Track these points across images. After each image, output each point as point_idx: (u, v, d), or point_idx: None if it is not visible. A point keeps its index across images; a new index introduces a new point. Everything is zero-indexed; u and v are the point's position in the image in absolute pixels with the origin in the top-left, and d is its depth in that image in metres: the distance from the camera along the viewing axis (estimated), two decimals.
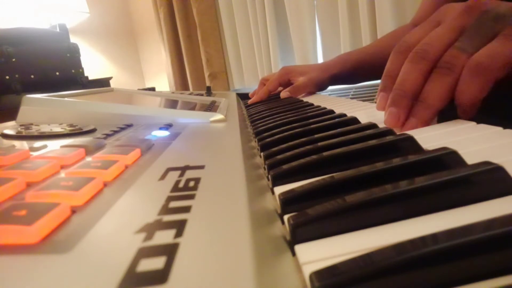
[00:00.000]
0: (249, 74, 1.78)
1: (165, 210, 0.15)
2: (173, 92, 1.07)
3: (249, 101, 0.81)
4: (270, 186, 0.23)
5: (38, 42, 1.58)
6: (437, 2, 0.65)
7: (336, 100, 0.63)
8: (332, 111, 0.43)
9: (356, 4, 1.24)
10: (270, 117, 0.48)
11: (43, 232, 0.13)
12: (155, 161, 0.24)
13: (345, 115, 0.39)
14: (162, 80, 2.34)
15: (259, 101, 0.81)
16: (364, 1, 1.19)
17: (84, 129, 0.38)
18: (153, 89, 1.02)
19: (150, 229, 0.14)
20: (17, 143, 0.32)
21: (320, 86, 0.80)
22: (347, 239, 0.15)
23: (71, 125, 0.40)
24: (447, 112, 0.29)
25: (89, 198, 0.17)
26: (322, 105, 0.50)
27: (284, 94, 0.76)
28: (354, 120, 0.35)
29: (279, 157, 0.27)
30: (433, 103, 0.28)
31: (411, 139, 0.24)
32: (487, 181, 0.16)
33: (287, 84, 0.82)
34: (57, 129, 0.38)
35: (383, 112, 0.33)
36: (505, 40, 0.27)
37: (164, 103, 0.69)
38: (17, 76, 1.49)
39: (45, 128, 0.38)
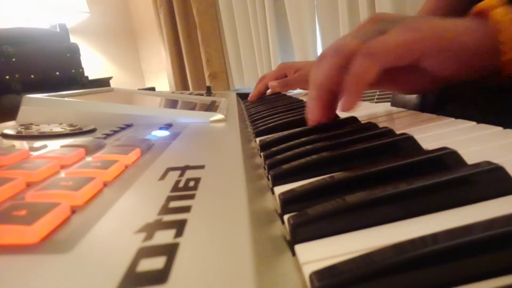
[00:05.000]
0: (249, 74, 1.78)
1: (165, 210, 0.15)
2: (173, 92, 1.07)
3: (249, 98, 0.82)
4: (270, 186, 0.23)
5: (38, 42, 1.58)
6: (439, 1, 0.65)
7: None
8: None
9: (356, 4, 1.24)
10: (270, 117, 0.48)
11: (43, 232, 0.13)
12: (155, 161, 0.24)
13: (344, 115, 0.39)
14: (162, 80, 2.34)
15: (257, 95, 0.81)
16: (364, 1, 1.19)
17: (84, 129, 0.38)
18: (153, 89, 1.02)
19: (150, 229, 0.14)
20: (17, 143, 0.32)
21: None
22: (347, 239, 0.15)
23: (71, 125, 0.40)
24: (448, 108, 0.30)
25: (89, 198, 0.17)
26: None
27: (273, 83, 0.75)
28: (354, 120, 0.35)
29: (279, 157, 0.27)
30: (319, 82, 0.32)
31: (411, 139, 0.24)
32: (487, 181, 0.16)
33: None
34: (57, 129, 0.38)
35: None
36: (394, 32, 0.30)
37: (164, 103, 0.69)
38: (17, 76, 1.49)
39: (45, 128, 0.38)
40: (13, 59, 1.47)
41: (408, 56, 0.30)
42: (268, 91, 0.83)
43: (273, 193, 0.22)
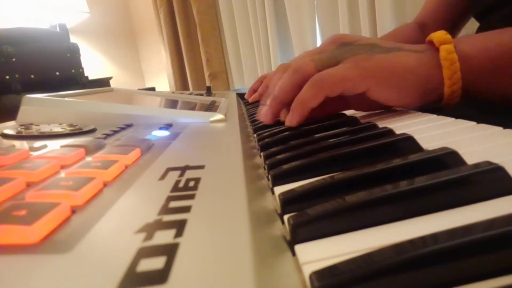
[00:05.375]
0: (249, 74, 1.78)
1: (165, 210, 0.15)
2: (173, 92, 1.07)
3: (250, 99, 0.82)
4: (270, 186, 0.23)
5: (38, 42, 1.58)
6: (440, 1, 0.65)
7: None
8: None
9: (356, 4, 1.24)
10: None
11: (43, 232, 0.13)
12: (155, 161, 0.24)
13: (344, 115, 0.39)
14: (162, 80, 2.34)
15: (258, 97, 0.81)
16: (364, 1, 1.19)
17: (84, 129, 0.38)
18: (153, 89, 1.02)
19: (150, 229, 0.14)
20: (17, 143, 0.32)
21: None
22: (347, 239, 0.15)
23: (71, 125, 0.40)
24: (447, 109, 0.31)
25: (89, 198, 0.17)
26: None
27: None
28: (354, 120, 0.35)
29: (279, 157, 0.27)
30: (278, 94, 0.37)
31: (411, 139, 0.24)
32: (487, 181, 0.16)
33: None
34: (57, 129, 0.38)
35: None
36: (344, 66, 0.34)
37: (164, 103, 0.69)
38: (17, 76, 1.49)
39: (45, 128, 0.38)
40: (13, 59, 1.47)
41: (353, 89, 0.33)
42: None
43: (273, 193, 0.22)
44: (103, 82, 1.83)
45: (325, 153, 0.25)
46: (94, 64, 2.27)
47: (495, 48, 0.33)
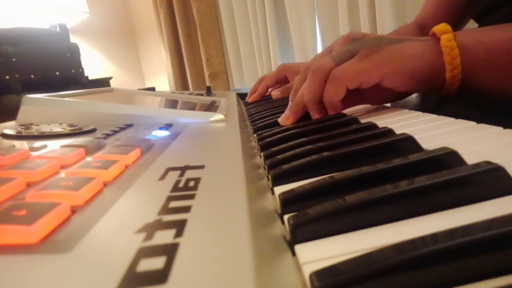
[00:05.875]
0: (249, 74, 1.78)
1: (165, 210, 0.15)
2: (173, 92, 1.07)
3: (250, 99, 0.82)
4: (270, 186, 0.23)
5: (38, 42, 1.58)
6: (440, 1, 0.65)
7: None
8: None
9: (356, 4, 1.24)
10: (270, 117, 0.48)
11: (43, 232, 0.13)
12: (155, 161, 0.24)
13: (345, 115, 0.39)
14: (162, 80, 2.34)
15: (258, 97, 0.81)
16: (364, 1, 1.19)
17: (84, 129, 0.38)
18: (153, 89, 1.02)
19: (150, 229, 0.14)
20: (17, 143, 0.32)
21: None
22: (347, 239, 0.15)
23: (71, 125, 0.40)
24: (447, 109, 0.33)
25: (89, 198, 0.17)
26: None
27: (275, 93, 0.76)
28: (354, 120, 0.35)
29: (279, 157, 0.27)
30: (309, 98, 0.40)
31: (411, 139, 0.24)
32: (487, 181, 0.16)
33: (284, 80, 0.82)
34: (57, 129, 0.38)
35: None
36: (357, 59, 0.37)
37: (164, 103, 0.69)
38: (17, 76, 1.49)
39: (45, 128, 0.38)
40: (13, 59, 1.47)
41: (369, 80, 0.36)
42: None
43: (273, 193, 0.22)
44: (103, 82, 1.83)
45: (325, 153, 0.25)
46: (94, 64, 2.27)
47: (490, 40, 0.36)
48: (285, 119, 0.42)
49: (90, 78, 1.78)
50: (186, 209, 0.15)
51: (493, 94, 0.38)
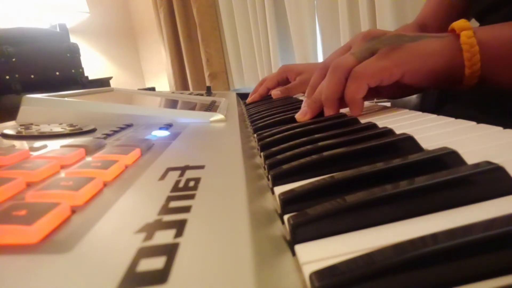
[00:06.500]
0: (249, 74, 1.78)
1: (165, 210, 0.15)
2: (173, 92, 1.07)
3: (249, 100, 0.82)
4: (270, 186, 0.23)
5: (38, 42, 1.58)
6: (441, 1, 0.65)
7: None
8: None
9: (356, 4, 1.24)
10: (270, 117, 0.48)
11: (43, 232, 0.13)
12: (155, 161, 0.24)
13: (345, 115, 0.39)
14: (162, 80, 2.34)
15: (258, 98, 0.81)
16: (364, 1, 1.19)
17: (84, 129, 0.38)
18: (153, 89, 1.02)
19: (150, 229, 0.14)
20: (17, 143, 0.32)
21: None
22: (347, 239, 0.15)
23: (71, 125, 0.40)
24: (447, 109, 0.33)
25: (89, 198, 0.17)
26: None
27: (275, 93, 0.77)
28: (354, 120, 0.35)
29: (279, 157, 0.27)
30: (328, 95, 0.40)
31: (411, 139, 0.24)
32: (487, 181, 0.16)
33: (285, 82, 0.82)
34: (57, 129, 0.38)
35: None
36: (378, 57, 0.37)
37: (164, 103, 0.69)
38: (17, 76, 1.49)
39: (45, 128, 0.38)
40: (13, 59, 1.47)
41: (390, 78, 0.37)
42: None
43: (273, 193, 0.22)
44: (103, 82, 1.83)
45: (325, 153, 0.25)
46: (94, 64, 2.27)
47: (509, 36, 0.36)
48: (303, 115, 0.42)
49: (90, 78, 1.78)
50: (186, 209, 0.15)
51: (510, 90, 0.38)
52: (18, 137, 0.36)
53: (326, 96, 0.40)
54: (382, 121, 0.34)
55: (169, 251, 0.12)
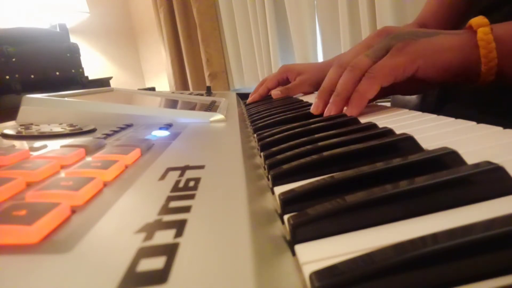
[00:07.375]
0: (249, 74, 1.78)
1: (165, 210, 0.15)
2: (173, 92, 1.07)
3: (249, 100, 0.82)
4: (270, 186, 0.23)
5: (38, 42, 1.58)
6: (441, 1, 0.65)
7: None
8: None
9: (356, 4, 1.24)
10: (270, 117, 0.48)
11: (43, 232, 0.13)
12: (155, 161, 0.24)
13: (345, 115, 0.39)
14: (162, 80, 2.34)
15: (258, 98, 0.81)
16: (364, 1, 1.19)
17: (84, 129, 0.38)
18: (153, 89, 1.02)
19: (150, 229, 0.14)
20: (17, 143, 0.32)
21: (317, 86, 0.80)
22: (347, 239, 0.15)
23: (71, 125, 0.40)
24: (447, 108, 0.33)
25: (89, 198, 0.17)
26: None
27: (275, 92, 0.77)
28: (354, 120, 0.35)
29: (279, 157, 0.27)
30: (341, 92, 0.40)
31: (411, 139, 0.24)
32: (487, 181, 0.16)
33: (285, 82, 0.82)
34: (57, 129, 0.38)
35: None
36: (392, 54, 0.38)
37: (164, 103, 0.69)
38: (17, 76, 1.49)
39: (45, 128, 0.38)
40: (13, 59, 1.47)
41: (404, 74, 0.37)
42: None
43: (273, 193, 0.22)
44: (103, 82, 1.83)
45: (325, 153, 0.25)
46: (94, 64, 2.27)
47: None
48: (328, 111, 0.42)
49: (90, 78, 1.78)
50: (186, 209, 0.15)
51: None
52: (18, 137, 0.36)
53: (338, 92, 0.40)
54: (382, 121, 0.34)
55: (169, 251, 0.12)
